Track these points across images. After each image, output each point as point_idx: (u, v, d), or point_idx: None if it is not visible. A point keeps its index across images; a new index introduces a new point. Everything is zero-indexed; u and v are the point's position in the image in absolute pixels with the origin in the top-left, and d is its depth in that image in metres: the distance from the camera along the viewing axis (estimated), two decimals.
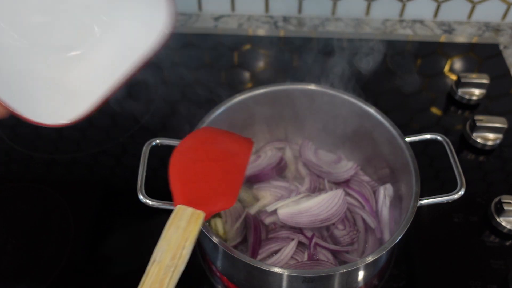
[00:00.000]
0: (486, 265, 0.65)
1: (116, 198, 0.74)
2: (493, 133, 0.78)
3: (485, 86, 0.85)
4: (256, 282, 0.55)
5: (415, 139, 0.63)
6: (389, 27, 1.04)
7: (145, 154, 0.60)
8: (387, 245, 0.52)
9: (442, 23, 1.05)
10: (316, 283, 0.52)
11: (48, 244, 0.68)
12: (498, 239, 0.68)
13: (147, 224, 0.70)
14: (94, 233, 0.69)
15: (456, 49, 0.99)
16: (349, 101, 0.66)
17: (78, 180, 0.76)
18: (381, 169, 0.68)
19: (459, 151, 0.79)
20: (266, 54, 0.97)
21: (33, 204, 0.72)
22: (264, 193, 0.68)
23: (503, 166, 0.78)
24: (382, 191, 0.65)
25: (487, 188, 0.74)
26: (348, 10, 1.04)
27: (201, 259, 0.66)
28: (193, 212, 0.48)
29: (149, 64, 0.47)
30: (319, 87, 0.67)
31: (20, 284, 0.64)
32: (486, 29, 1.04)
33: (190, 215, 0.48)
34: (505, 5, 1.01)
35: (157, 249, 0.45)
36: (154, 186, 0.60)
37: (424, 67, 0.95)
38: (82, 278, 0.65)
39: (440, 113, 0.86)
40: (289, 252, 0.60)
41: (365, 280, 0.59)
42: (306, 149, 0.72)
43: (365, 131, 0.67)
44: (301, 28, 1.04)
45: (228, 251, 0.51)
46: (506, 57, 0.96)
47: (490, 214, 0.69)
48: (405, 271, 0.65)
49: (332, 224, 0.62)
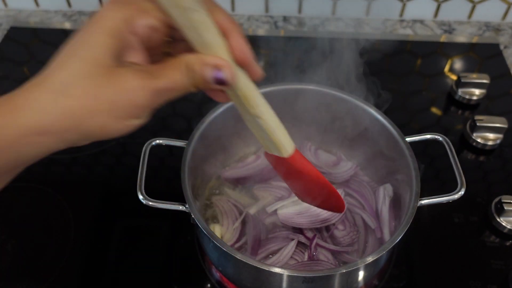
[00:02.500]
0: (487, 265, 0.65)
1: (116, 198, 0.74)
2: (494, 133, 0.78)
3: (485, 86, 0.85)
4: (256, 282, 0.55)
5: (415, 139, 0.63)
6: (389, 27, 1.04)
7: (145, 154, 0.60)
8: (387, 245, 0.52)
9: (442, 23, 1.05)
10: (316, 283, 0.52)
11: (48, 244, 0.68)
12: (498, 239, 0.68)
13: (147, 224, 0.70)
14: (94, 233, 0.69)
15: (456, 49, 0.99)
16: (349, 101, 0.66)
17: (78, 180, 0.76)
18: (381, 169, 0.68)
19: (459, 151, 0.79)
20: (266, 54, 0.97)
21: (33, 204, 0.72)
22: (264, 194, 0.68)
23: (503, 166, 0.77)
24: (382, 191, 0.65)
25: (487, 188, 0.74)
26: (348, 10, 1.04)
27: (201, 259, 0.66)
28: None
29: None
30: (319, 87, 0.67)
31: (20, 284, 0.64)
32: (487, 29, 1.04)
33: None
34: (505, 5, 1.01)
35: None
36: (154, 186, 0.60)
37: (424, 67, 0.95)
38: (82, 278, 0.65)
39: (440, 113, 0.86)
40: (288, 252, 0.60)
41: (365, 280, 0.59)
42: (305, 149, 0.72)
43: (365, 131, 0.67)
44: (301, 28, 1.04)
45: (228, 251, 0.51)
46: (506, 57, 0.96)
47: (490, 214, 0.69)
48: (405, 271, 0.65)
49: (332, 225, 0.62)
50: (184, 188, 0.56)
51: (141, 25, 0.34)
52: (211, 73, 0.34)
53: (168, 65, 0.34)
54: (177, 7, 0.32)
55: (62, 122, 0.32)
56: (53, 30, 1.02)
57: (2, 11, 1.08)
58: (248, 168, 0.70)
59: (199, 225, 0.53)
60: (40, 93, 0.31)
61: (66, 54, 0.33)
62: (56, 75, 0.32)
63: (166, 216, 0.61)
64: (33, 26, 1.04)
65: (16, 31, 1.02)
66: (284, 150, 0.44)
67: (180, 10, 0.33)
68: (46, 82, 0.32)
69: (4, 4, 1.08)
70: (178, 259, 0.66)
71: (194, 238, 0.67)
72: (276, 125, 0.42)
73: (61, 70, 0.32)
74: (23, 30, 1.03)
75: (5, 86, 0.91)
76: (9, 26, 1.03)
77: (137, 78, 0.33)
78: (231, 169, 0.71)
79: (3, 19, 1.07)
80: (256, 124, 0.41)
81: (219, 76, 0.34)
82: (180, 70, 0.34)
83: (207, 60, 0.34)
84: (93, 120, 0.32)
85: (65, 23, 1.05)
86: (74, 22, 1.05)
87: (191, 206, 0.54)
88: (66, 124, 0.32)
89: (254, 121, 0.41)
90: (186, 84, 0.35)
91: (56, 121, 0.31)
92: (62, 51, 0.33)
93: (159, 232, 0.69)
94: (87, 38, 0.33)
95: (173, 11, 0.33)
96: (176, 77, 0.34)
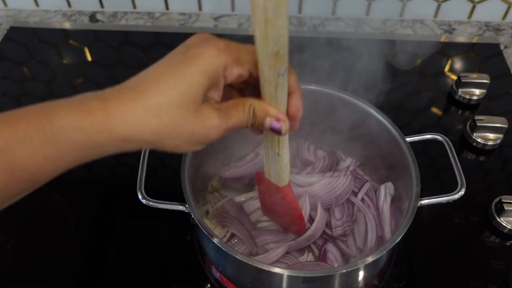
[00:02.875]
0: (487, 266, 0.65)
1: (116, 198, 0.74)
2: (494, 133, 0.78)
3: (485, 86, 0.85)
4: (256, 282, 0.55)
5: (415, 139, 0.63)
6: (390, 27, 1.04)
7: (145, 154, 0.60)
8: (387, 245, 0.52)
9: (442, 22, 1.05)
10: (316, 283, 0.52)
11: (48, 244, 0.68)
12: (498, 239, 0.68)
13: (147, 224, 0.70)
14: (94, 233, 0.69)
15: (457, 49, 0.99)
16: (349, 101, 0.66)
17: (78, 180, 0.76)
18: (381, 169, 0.68)
19: (460, 151, 0.79)
20: None
21: (33, 204, 0.72)
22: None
23: (503, 166, 0.77)
24: (383, 189, 0.65)
25: (487, 188, 0.74)
26: (348, 10, 1.04)
27: (201, 259, 0.65)
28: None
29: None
30: (318, 87, 0.67)
31: (20, 284, 0.64)
32: (487, 29, 1.04)
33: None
34: (505, 5, 1.01)
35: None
36: (154, 186, 0.60)
37: (424, 67, 0.95)
38: (82, 278, 0.65)
39: (440, 113, 0.86)
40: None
41: (366, 280, 0.59)
42: (304, 149, 0.72)
43: (364, 131, 0.67)
44: (301, 28, 1.04)
45: (228, 251, 0.51)
46: (506, 57, 0.96)
47: (490, 214, 0.69)
48: (405, 271, 0.65)
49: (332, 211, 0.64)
50: (184, 188, 0.56)
51: (234, 73, 0.40)
52: (270, 122, 0.42)
53: (236, 106, 0.41)
54: (272, 70, 0.38)
55: (146, 137, 0.37)
56: (53, 30, 1.02)
57: (2, 11, 1.08)
58: (248, 166, 0.70)
59: (199, 225, 0.53)
60: (137, 109, 0.36)
61: (164, 80, 0.37)
62: (153, 98, 0.37)
63: (166, 216, 0.61)
64: (33, 26, 1.04)
65: (15, 31, 1.02)
66: (282, 181, 0.53)
67: (273, 72, 0.38)
68: (142, 100, 0.37)
69: (4, 3, 1.08)
70: (178, 259, 0.66)
71: (194, 238, 0.67)
72: (287, 164, 0.51)
73: (159, 95, 0.37)
74: (23, 30, 1.03)
75: (5, 86, 0.91)
76: (9, 26, 1.03)
77: (216, 118, 0.39)
78: (231, 169, 0.71)
79: (3, 19, 1.07)
80: (273, 158, 0.50)
81: (277, 127, 0.42)
82: (245, 112, 0.41)
83: (270, 112, 0.41)
84: (171, 141, 0.39)
85: (65, 23, 1.05)
86: (74, 22, 1.05)
87: (191, 206, 0.54)
88: (148, 138, 0.38)
89: (273, 156, 0.50)
90: (247, 124, 0.42)
91: (142, 135, 0.37)
92: (158, 73, 0.38)
93: (159, 232, 0.69)
94: (187, 75, 0.37)
95: (266, 71, 0.38)
96: (242, 117, 0.41)
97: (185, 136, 0.38)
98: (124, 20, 1.07)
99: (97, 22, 1.06)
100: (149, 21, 1.06)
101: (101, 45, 1.00)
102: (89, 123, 0.36)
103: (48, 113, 0.35)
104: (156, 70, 0.38)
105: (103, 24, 1.06)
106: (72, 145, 0.36)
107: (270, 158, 0.51)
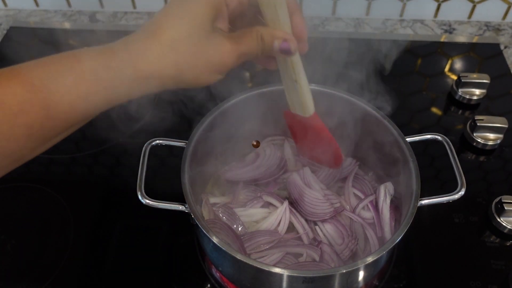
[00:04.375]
0: (487, 266, 0.65)
1: (116, 198, 0.74)
2: (494, 133, 0.78)
3: (485, 86, 0.85)
4: (256, 282, 0.55)
5: (416, 139, 0.63)
6: (390, 27, 1.04)
7: (145, 154, 0.60)
8: (387, 245, 0.52)
9: (442, 22, 1.05)
10: (316, 283, 0.52)
11: (48, 244, 0.68)
12: (498, 240, 0.68)
13: (147, 224, 0.70)
14: (94, 233, 0.69)
15: (457, 49, 0.99)
16: (349, 101, 0.66)
17: (77, 180, 0.76)
18: (381, 169, 0.68)
19: (460, 151, 0.79)
20: None
21: (33, 204, 0.72)
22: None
23: (503, 166, 0.77)
24: (383, 189, 0.65)
25: (487, 188, 0.74)
26: (348, 10, 1.04)
27: (201, 259, 0.65)
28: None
29: None
30: (318, 87, 0.67)
31: (20, 284, 0.64)
32: (487, 28, 1.04)
33: None
34: (505, 5, 1.01)
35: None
36: (154, 186, 0.60)
37: (424, 67, 0.95)
38: (82, 278, 0.65)
39: (440, 113, 0.86)
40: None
41: (366, 280, 0.59)
42: None
43: (364, 131, 0.66)
44: None
45: (228, 251, 0.51)
46: (506, 57, 0.96)
47: (490, 214, 0.69)
48: (405, 271, 0.65)
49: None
50: (184, 188, 0.56)
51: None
52: (278, 44, 0.44)
53: (245, 34, 0.44)
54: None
55: (167, 71, 0.40)
56: (53, 29, 1.02)
57: (2, 10, 1.08)
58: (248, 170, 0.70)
59: (199, 225, 0.53)
60: (154, 45, 0.39)
61: (173, 15, 0.41)
62: (167, 33, 0.40)
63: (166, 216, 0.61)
64: (33, 26, 1.04)
65: (15, 30, 1.02)
66: (307, 110, 0.56)
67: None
68: (158, 36, 0.40)
69: (4, 4, 1.08)
70: (178, 259, 0.66)
71: (194, 238, 0.67)
72: (307, 90, 0.54)
73: (171, 29, 0.40)
74: (23, 29, 1.03)
75: None
76: (9, 26, 1.03)
77: (228, 43, 0.42)
78: (231, 169, 0.71)
79: (3, 19, 1.07)
80: (292, 87, 0.53)
81: (285, 47, 0.44)
82: (253, 38, 0.43)
83: (276, 34, 0.44)
84: (191, 71, 0.41)
85: (65, 23, 1.05)
86: (74, 21, 1.05)
87: (191, 206, 0.54)
88: (169, 72, 0.40)
89: (292, 84, 0.52)
90: (258, 51, 0.44)
91: (163, 69, 0.40)
92: (167, 11, 0.41)
93: (159, 232, 0.69)
94: (193, 7, 0.41)
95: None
96: (252, 43, 0.43)
97: (202, 64, 0.41)
98: (124, 20, 1.07)
99: (97, 22, 1.06)
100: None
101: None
102: (115, 62, 0.39)
103: (77, 56, 0.39)
104: (167, 8, 0.42)
105: (103, 24, 1.06)
106: (101, 82, 0.38)
107: (290, 88, 0.53)
